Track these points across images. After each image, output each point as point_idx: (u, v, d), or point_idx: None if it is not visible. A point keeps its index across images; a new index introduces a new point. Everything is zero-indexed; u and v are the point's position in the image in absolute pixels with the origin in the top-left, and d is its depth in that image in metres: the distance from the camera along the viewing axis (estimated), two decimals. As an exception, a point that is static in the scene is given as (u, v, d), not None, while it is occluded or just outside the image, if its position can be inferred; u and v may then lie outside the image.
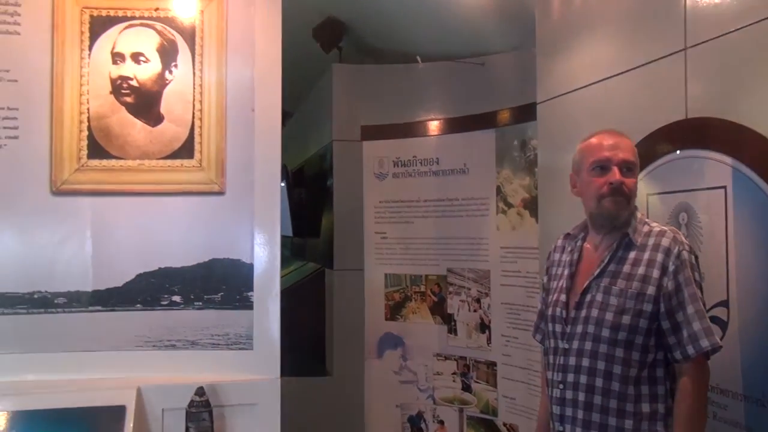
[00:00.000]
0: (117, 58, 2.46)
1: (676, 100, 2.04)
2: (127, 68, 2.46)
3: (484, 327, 3.75)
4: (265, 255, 2.47)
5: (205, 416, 2.24)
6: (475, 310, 3.79)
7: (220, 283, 2.47)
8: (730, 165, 1.85)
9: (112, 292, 2.42)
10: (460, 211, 3.88)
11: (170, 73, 2.48)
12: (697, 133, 1.98)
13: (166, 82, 2.48)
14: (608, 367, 1.73)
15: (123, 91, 2.46)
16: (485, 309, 3.74)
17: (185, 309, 2.46)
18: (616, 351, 1.72)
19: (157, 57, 2.48)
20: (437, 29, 3.77)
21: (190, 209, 2.47)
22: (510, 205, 3.63)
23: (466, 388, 3.85)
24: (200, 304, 2.47)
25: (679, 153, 2.05)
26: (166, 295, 2.45)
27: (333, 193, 4.19)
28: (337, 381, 4.09)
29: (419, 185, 4.03)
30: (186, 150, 2.47)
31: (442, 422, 3.94)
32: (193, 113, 2.48)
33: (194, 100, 2.49)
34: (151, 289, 2.44)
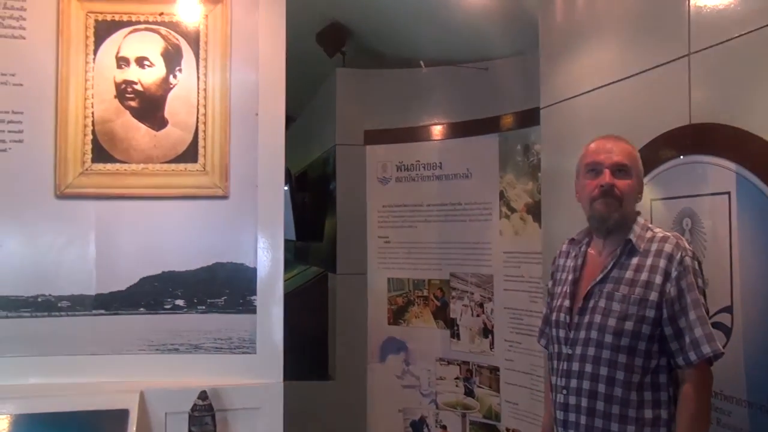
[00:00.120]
0: (122, 62, 2.47)
1: (680, 105, 2.04)
2: (132, 72, 2.47)
3: (487, 332, 3.74)
4: (268, 259, 2.48)
5: (208, 420, 2.24)
6: (478, 315, 3.79)
7: (223, 287, 2.48)
8: (734, 171, 1.85)
9: (115, 295, 2.43)
10: (463, 215, 3.87)
11: (174, 77, 2.49)
12: (700, 139, 1.98)
13: (171, 86, 2.49)
14: (611, 372, 1.73)
15: (127, 96, 2.47)
16: (488, 314, 3.74)
17: (188, 313, 2.47)
18: (619, 357, 1.72)
19: (162, 61, 2.49)
20: (440, 34, 3.78)
21: (194, 213, 2.48)
22: (513, 210, 3.63)
23: (469, 392, 3.84)
24: (203, 308, 2.47)
25: (682, 158, 2.05)
26: (170, 299, 2.46)
27: (336, 197, 4.19)
28: (339, 385, 4.09)
29: (422, 190, 4.03)
30: (190, 154, 2.48)
31: (444, 427, 3.93)
32: (197, 117, 2.49)
33: (198, 104, 2.49)
34: (155, 293, 2.45)
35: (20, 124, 2.38)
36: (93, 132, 2.44)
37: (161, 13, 2.49)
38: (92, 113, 2.44)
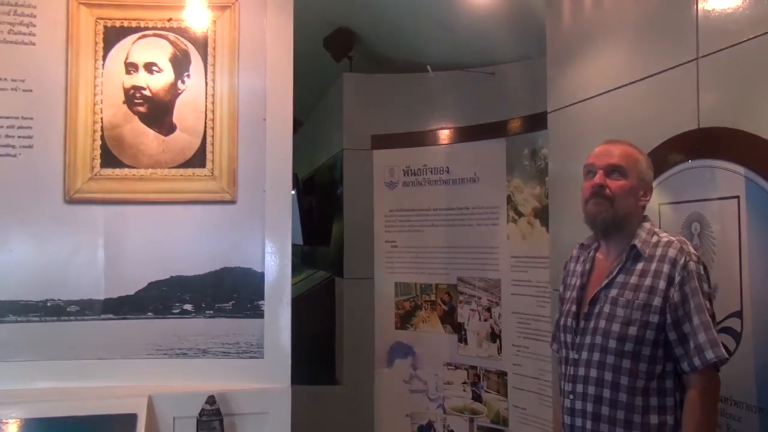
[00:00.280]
0: (130, 68, 2.48)
1: (689, 109, 2.03)
2: (141, 78, 2.49)
3: (494, 336, 3.73)
4: (276, 264, 2.48)
5: (215, 425, 2.25)
6: (486, 320, 3.78)
7: (231, 292, 2.48)
8: (743, 175, 1.84)
9: (124, 300, 2.44)
10: (471, 220, 3.87)
11: (183, 82, 2.50)
12: (709, 143, 1.97)
13: (179, 91, 2.50)
14: (615, 378, 1.73)
15: (136, 101, 2.48)
16: (496, 318, 3.73)
17: (196, 317, 2.47)
18: (623, 362, 1.72)
19: (170, 67, 2.50)
20: (448, 39, 3.78)
21: (202, 218, 2.49)
22: (520, 214, 3.62)
23: (477, 397, 3.83)
24: (211, 312, 2.48)
25: (691, 162, 2.04)
26: (178, 304, 2.46)
27: (343, 202, 4.19)
28: (347, 390, 4.08)
29: (429, 194, 4.02)
30: (198, 159, 2.49)
31: (452, 432, 3.93)
32: (205, 122, 2.50)
33: (206, 109, 2.50)
34: (163, 298, 2.45)
35: (30, 130, 2.40)
36: (102, 137, 2.45)
37: (170, 19, 2.51)
38: (101, 119, 2.45)
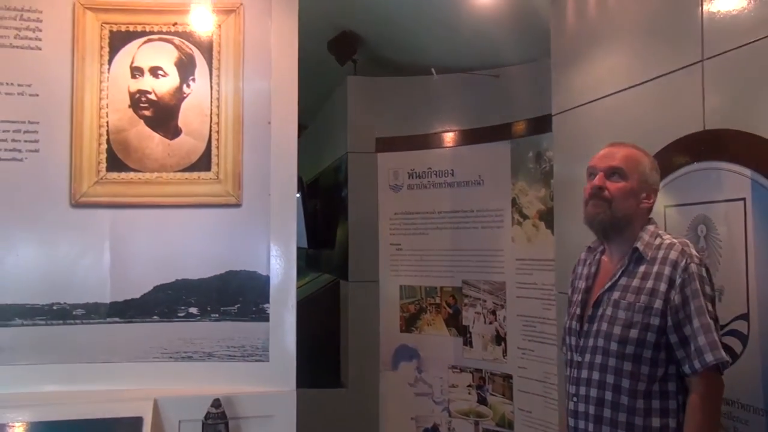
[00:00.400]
0: (136, 72, 2.49)
1: (694, 111, 2.03)
2: (146, 82, 2.49)
3: (499, 339, 3.73)
4: (281, 267, 2.48)
5: (221, 428, 2.25)
6: (491, 323, 3.78)
7: (236, 295, 2.49)
8: (749, 177, 1.83)
9: (129, 303, 2.44)
10: (475, 222, 3.87)
11: (188, 86, 2.51)
12: (715, 145, 1.96)
13: (184, 95, 2.51)
14: (617, 380, 1.72)
15: (141, 105, 2.49)
16: (501, 321, 3.72)
17: (202, 321, 2.47)
18: (624, 364, 1.71)
19: (175, 71, 2.51)
20: (452, 41, 3.78)
21: (207, 221, 2.49)
22: (525, 217, 3.61)
23: (482, 400, 3.82)
24: (217, 315, 2.48)
25: (696, 165, 2.03)
26: (183, 307, 2.47)
27: (348, 205, 4.20)
28: (352, 393, 4.08)
29: (434, 197, 4.02)
30: (203, 163, 2.50)
31: (457, 435, 3.92)
32: (211, 126, 2.51)
33: (211, 113, 2.51)
34: (168, 301, 2.46)
35: (36, 134, 2.40)
36: (107, 141, 2.46)
37: (175, 24, 2.52)
38: (107, 123, 2.46)
